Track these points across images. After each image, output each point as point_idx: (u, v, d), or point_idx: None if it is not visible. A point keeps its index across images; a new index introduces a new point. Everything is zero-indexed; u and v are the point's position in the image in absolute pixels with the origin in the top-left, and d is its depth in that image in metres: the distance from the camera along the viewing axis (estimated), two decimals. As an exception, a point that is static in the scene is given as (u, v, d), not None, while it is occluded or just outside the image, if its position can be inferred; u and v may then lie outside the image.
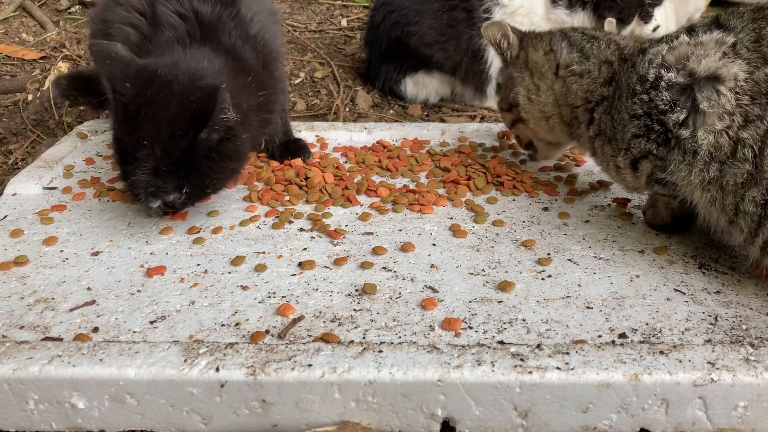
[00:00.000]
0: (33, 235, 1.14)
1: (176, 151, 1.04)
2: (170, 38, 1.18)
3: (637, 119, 1.04)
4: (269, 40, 1.29)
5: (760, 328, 0.89)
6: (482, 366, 0.79)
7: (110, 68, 1.06)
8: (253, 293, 0.98)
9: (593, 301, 0.96)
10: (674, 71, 0.99)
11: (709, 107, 0.94)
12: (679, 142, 0.99)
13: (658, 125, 1.01)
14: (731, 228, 0.96)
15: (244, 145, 1.15)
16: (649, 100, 1.02)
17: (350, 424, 0.80)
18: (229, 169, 1.13)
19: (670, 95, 0.99)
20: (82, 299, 0.97)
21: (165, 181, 1.06)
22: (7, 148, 1.67)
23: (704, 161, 0.96)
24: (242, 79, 1.17)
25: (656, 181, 1.06)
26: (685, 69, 0.97)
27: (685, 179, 0.99)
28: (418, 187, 1.30)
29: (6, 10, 2.44)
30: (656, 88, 1.01)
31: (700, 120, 0.95)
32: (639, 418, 0.79)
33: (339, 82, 2.09)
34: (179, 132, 1.04)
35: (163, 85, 1.06)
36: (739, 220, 0.93)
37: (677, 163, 0.99)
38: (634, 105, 1.05)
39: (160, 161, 1.05)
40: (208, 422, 0.81)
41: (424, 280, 1.01)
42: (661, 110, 1.00)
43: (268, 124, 1.28)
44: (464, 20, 1.83)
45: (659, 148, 1.02)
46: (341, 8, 2.78)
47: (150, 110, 1.05)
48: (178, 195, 1.08)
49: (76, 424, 0.82)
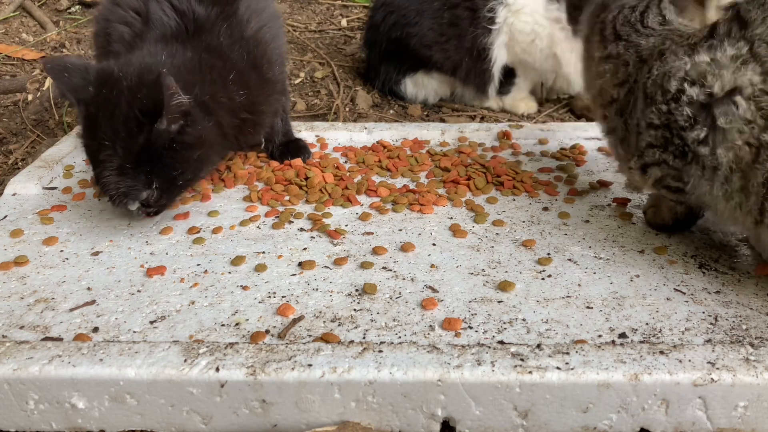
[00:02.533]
0: (33, 235, 1.14)
1: (136, 148, 1.05)
2: (158, 36, 1.19)
3: (654, 129, 1.01)
4: (266, 42, 1.28)
5: (760, 328, 0.89)
6: (482, 366, 0.79)
7: (69, 79, 1.08)
8: (253, 293, 0.98)
9: (593, 300, 0.96)
10: (697, 87, 0.94)
11: (727, 123, 0.91)
12: (698, 158, 0.96)
13: (677, 139, 0.98)
14: (758, 229, 0.93)
15: (208, 132, 1.13)
16: (668, 111, 0.98)
17: (350, 424, 0.80)
18: (195, 158, 1.11)
19: (691, 111, 0.95)
20: (82, 299, 0.97)
21: (133, 179, 1.06)
22: (7, 148, 1.67)
23: (725, 176, 0.93)
24: (215, 76, 1.16)
25: (665, 187, 1.05)
26: (704, 88, 0.94)
27: (707, 194, 0.97)
28: (418, 187, 1.30)
29: (6, 10, 2.44)
30: (677, 101, 0.97)
31: (719, 138, 0.92)
32: (639, 418, 0.80)
33: (339, 82, 2.09)
34: (135, 127, 1.04)
35: (115, 84, 1.07)
36: (765, 219, 0.91)
37: (697, 178, 0.97)
38: (651, 114, 1.01)
39: (124, 160, 1.05)
40: (208, 422, 0.81)
41: (424, 280, 1.01)
42: (681, 126, 0.97)
43: (256, 125, 1.27)
44: (467, 19, 1.83)
45: (675, 160, 1.00)
46: (341, 8, 2.78)
47: (107, 110, 1.06)
48: (150, 191, 1.08)
49: (76, 424, 0.82)
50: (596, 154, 1.46)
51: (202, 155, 1.13)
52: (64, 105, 1.85)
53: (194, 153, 1.11)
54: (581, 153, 1.46)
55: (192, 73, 1.13)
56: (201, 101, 1.12)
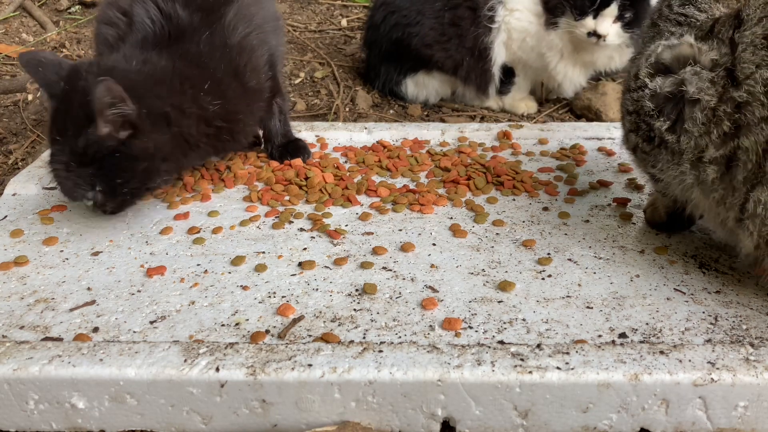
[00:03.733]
0: (33, 235, 1.14)
1: (79, 149, 1.05)
2: (138, 40, 1.18)
3: (629, 115, 1.02)
4: (252, 50, 1.26)
5: (760, 328, 0.89)
6: (482, 366, 0.79)
7: (43, 73, 1.09)
8: (253, 293, 0.98)
9: (593, 300, 0.96)
10: (662, 78, 0.94)
11: (693, 126, 0.91)
12: (665, 143, 0.96)
13: (644, 125, 0.98)
14: (738, 227, 0.92)
15: (162, 144, 1.11)
16: (638, 98, 0.98)
17: (350, 424, 0.80)
18: (140, 170, 1.09)
19: (653, 104, 0.95)
20: (82, 299, 0.97)
21: (77, 177, 1.07)
22: (7, 148, 1.67)
23: (690, 162, 0.93)
24: (186, 86, 1.15)
25: (649, 175, 1.05)
26: (676, 77, 0.92)
27: (676, 179, 0.97)
28: (418, 187, 1.30)
29: (6, 10, 2.44)
30: (642, 89, 0.96)
31: (687, 125, 0.92)
32: (639, 418, 0.80)
33: (339, 82, 2.09)
34: (79, 128, 1.05)
35: (77, 83, 1.08)
36: (746, 221, 0.90)
37: (665, 162, 0.97)
38: (626, 101, 1.02)
39: (70, 157, 1.06)
40: (208, 422, 0.81)
41: (424, 280, 1.01)
42: (648, 113, 0.97)
43: (234, 133, 1.25)
44: (468, 18, 1.83)
45: (644, 143, 1.00)
46: (341, 8, 2.78)
47: (66, 107, 1.08)
48: (93, 193, 1.08)
49: (76, 424, 0.82)
50: (596, 154, 1.46)
51: (150, 167, 1.10)
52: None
53: (139, 165, 1.09)
54: (581, 153, 1.46)
55: (158, 83, 1.12)
56: (160, 112, 1.10)
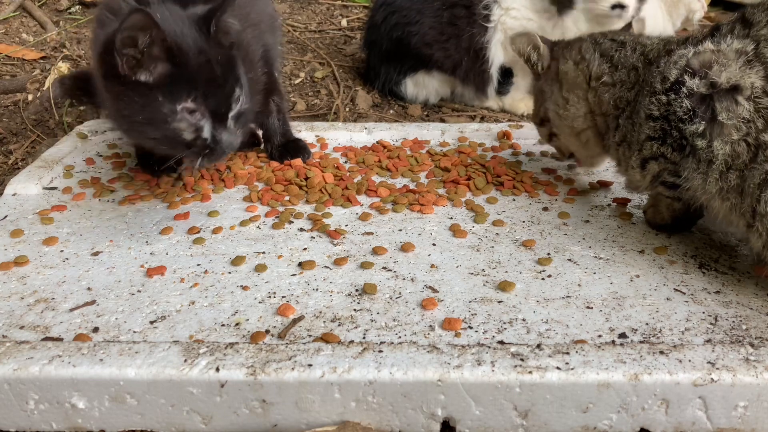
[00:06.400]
0: (33, 235, 1.14)
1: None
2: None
3: (653, 120, 1.02)
4: (248, 44, 1.26)
5: (760, 328, 0.89)
6: (482, 366, 0.79)
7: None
8: (253, 293, 0.98)
9: (593, 301, 0.96)
10: (697, 78, 0.95)
11: (728, 119, 0.92)
12: (695, 151, 0.97)
13: (675, 131, 0.99)
14: (749, 232, 0.94)
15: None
16: (667, 102, 0.99)
17: (350, 424, 0.80)
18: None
19: (690, 103, 0.96)
20: (82, 299, 0.97)
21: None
22: (7, 148, 1.67)
23: (720, 171, 0.94)
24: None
25: (662, 183, 1.05)
26: (707, 78, 0.94)
27: (700, 188, 0.97)
28: (418, 187, 1.30)
29: (6, 10, 2.44)
30: (677, 92, 0.98)
31: (717, 131, 0.93)
32: (639, 418, 0.80)
33: (339, 82, 2.09)
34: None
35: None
36: (756, 222, 0.91)
37: (691, 171, 0.98)
38: (651, 105, 1.02)
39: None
40: (208, 422, 0.81)
41: (424, 280, 1.01)
42: (680, 117, 0.98)
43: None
44: (465, 17, 1.83)
45: (673, 153, 1.01)
46: (341, 8, 2.78)
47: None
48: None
49: (76, 424, 0.82)
50: (596, 154, 1.46)
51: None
52: (64, 105, 1.85)
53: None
54: (581, 153, 1.46)
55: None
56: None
